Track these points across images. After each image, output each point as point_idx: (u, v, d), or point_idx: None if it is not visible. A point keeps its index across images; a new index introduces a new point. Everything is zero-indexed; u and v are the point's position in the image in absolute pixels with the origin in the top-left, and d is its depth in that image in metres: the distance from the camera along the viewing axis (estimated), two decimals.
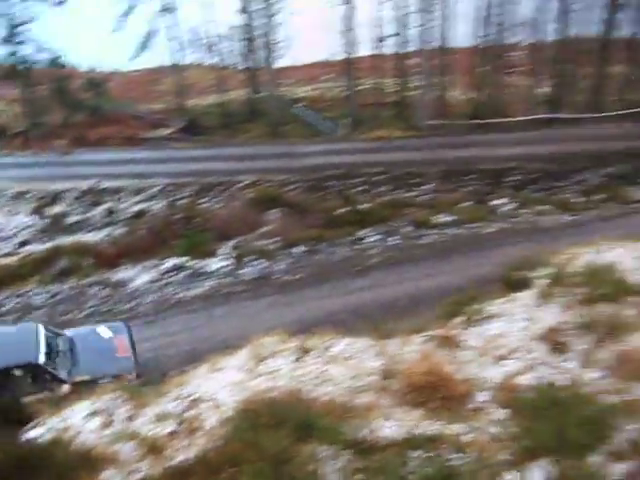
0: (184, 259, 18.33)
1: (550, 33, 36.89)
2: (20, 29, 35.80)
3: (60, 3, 36.29)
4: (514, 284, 7.86)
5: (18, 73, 36.74)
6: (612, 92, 38.59)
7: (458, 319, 7.41)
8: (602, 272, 7.05)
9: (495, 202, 23.01)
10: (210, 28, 39.38)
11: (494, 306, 7.38)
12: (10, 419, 8.83)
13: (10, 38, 35.90)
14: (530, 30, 37.66)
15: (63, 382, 11.89)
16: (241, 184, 25.43)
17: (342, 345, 7.35)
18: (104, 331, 13.45)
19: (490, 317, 7.16)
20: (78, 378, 11.96)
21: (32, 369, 11.73)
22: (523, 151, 28.46)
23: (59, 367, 12.10)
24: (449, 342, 6.72)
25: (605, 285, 6.78)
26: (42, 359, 11.81)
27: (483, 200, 23.49)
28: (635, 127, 31.44)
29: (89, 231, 22.67)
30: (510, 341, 6.56)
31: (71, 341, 12.97)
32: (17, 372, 11.67)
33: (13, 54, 36.30)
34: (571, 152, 28.33)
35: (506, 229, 20.20)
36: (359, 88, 40.55)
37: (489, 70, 37.52)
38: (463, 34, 39.67)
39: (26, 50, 36.22)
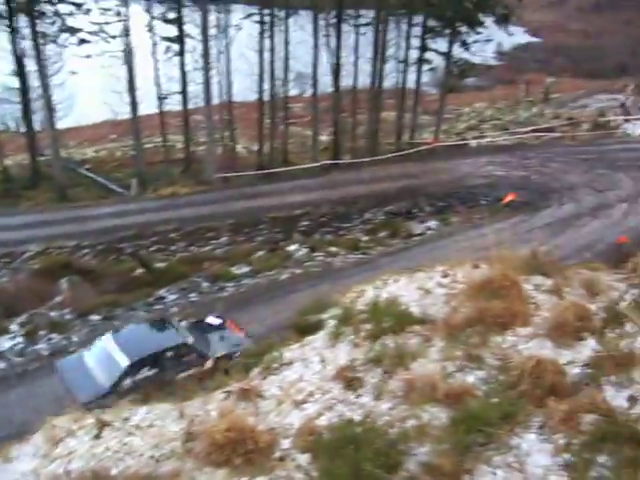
0: None
1: (327, 85, 39.21)
2: None
3: None
4: (306, 328, 8.09)
5: None
6: (387, 136, 41.82)
7: (257, 370, 7.46)
8: (386, 306, 7.50)
9: (288, 248, 23.68)
10: None
11: (290, 352, 7.53)
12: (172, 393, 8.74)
13: None
14: (309, 83, 39.79)
15: (207, 358, 13.87)
16: (28, 254, 23.76)
17: (142, 414, 7.07)
18: (213, 319, 15.68)
19: (287, 363, 7.28)
20: (218, 354, 14.06)
21: (183, 349, 13.81)
22: (311, 197, 29.75)
23: (202, 347, 14.22)
24: (249, 394, 6.72)
25: (389, 318, 7.21)
26: (191, 340, 14.11)
27: (277, 248, 24.09)
28: (408, 167, 34.26)
29: None
30: (307, 385, 6.70)
31: (197, 328, 15.17)
32: (169, 354, 13.65)
33: None
34: (355, 194, 30.13)
35: (300, 274, 20.82)
36: (147, 146, 40.14)
37: (273, 122, 38.97)
38: (246, 88, 40.96)
39: None
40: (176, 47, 36.17)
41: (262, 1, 37.36)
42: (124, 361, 13.14)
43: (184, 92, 37.26)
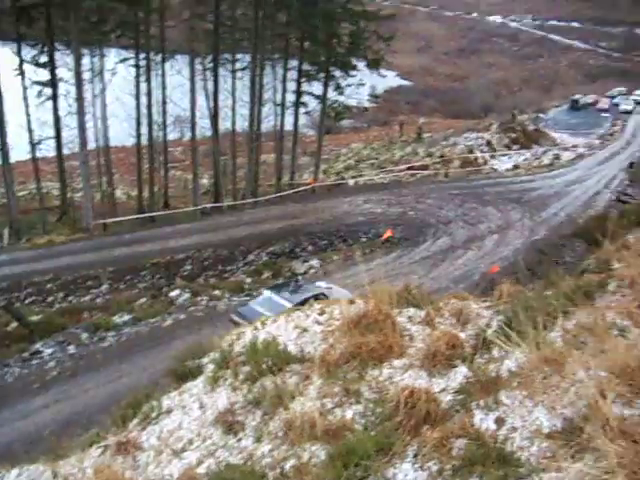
0: None
1: (206, 128, 39.29)
2: None
3: None
4: (185, 374, 7.95)
5: None
6: (267, 178, 42.30)
7: (135, 420, 7.26)
8: (264, 346, 7.53)
9: (171, 294, 23.25)
10: None
11: (169, 400, 7.38)
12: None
13: None
14: (188, 126, 39.73)
15: None
16: None
17: (12, 478, 6.70)
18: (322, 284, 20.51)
19: (166, 412, 7.13)
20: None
21: (321, 297, 16.52)
22: (193, 241, 29.46)
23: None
24: (127, 447, 6.53)
25: (268, 358, 7.25)
26: (326, 291, 18.71)
27: (159, 294, 23.62)
28: (289, 207, 34.75)
29: None
30: (187, 432, 6.59)
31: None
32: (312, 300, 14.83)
33: None
34: (237, 237, 30.14)
35: (184, 319, 20.45)
36: (20, 194, 38.57)
37: (152, 166, 38.48)
38: (123, 133, 40.34)
39: None
40: (49, 91, 35.19)
41: (137, 45, 37.08)
42: (288, 304, 16.46)
43: (58, 137, 36.19)
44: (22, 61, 34.60)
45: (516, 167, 50.57)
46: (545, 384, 4.87)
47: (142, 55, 36.67)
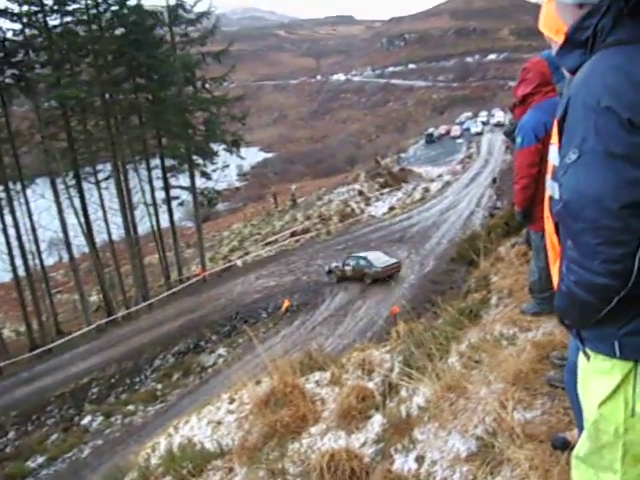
0: None
1: (83, 245, 38.61)
2: None
3: None
4: None
5: None
6: (156, 279, 41.73)
7: None
8: (181, 451, 7.50)
9: (83, 422, 22.34)
10: None
11: None
12: None
13: None
14: (63, 247, 38.87)
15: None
16: None
17: None
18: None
19: None
20: None
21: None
22: (95, 361, 28.45)
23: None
24: None
25: (187, 462, 7.22)
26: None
27: (71, 425, 22.63)
28: (184, 303, 34.44)
29: None
30: None
31: None
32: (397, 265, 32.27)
33: None
34: (139, 345, 29.40)
35: (102, 445, 19.68)
36: None
37: (35, 296, 37.11)
38: None
39: None
40: None
41: None
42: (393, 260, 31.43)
43: None
44: None
45: (392, 209, 52.47)
46: (453, 410, 5.11)
47: (0, 187, 35.77)
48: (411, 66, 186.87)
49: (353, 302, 28.78)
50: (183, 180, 41.74)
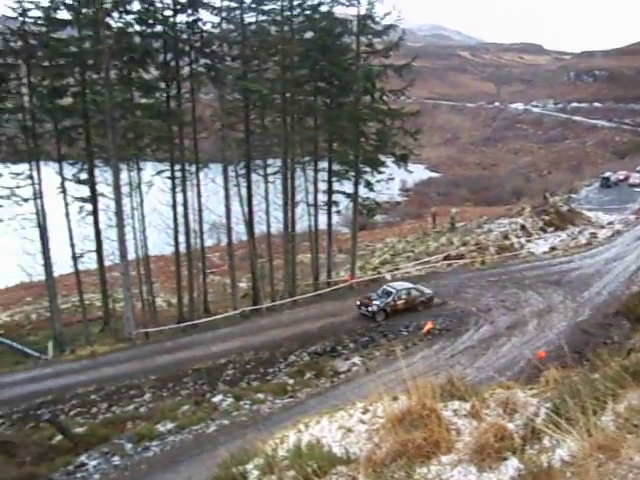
0: None
1: (242, 233, 40.11)
2: None
3: None
4: None
5: None
6: (304, 278, 42.54)
7: None
8: (308, 450, 7.43)
9: (214, 400, 23.11)
10: None
11: None
12: None
13: None
14: (224, 232, 40.65)
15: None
16: None
17: None
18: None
19: None
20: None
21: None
22: (234, 345, 29.51)
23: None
24: None
25: (312, 462, 7.13)
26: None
27: (202, 400, 23.46)
28: (328, 306, 34.76)
29: None
30: None
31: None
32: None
33: None
34: (278, 338, 30.14)
35: (228, 425, 20.25)
36: (63, 307, 39.40)
37: (191, 273, 39.13)
38: (161, 242, 41.34)
39: None
40: (89, 206, 36.53)
41: (172, 157, 38.56)
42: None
43: (99, 250, 37.25)
44: (64, 179, 36.20)
45: (553, 249, 50.11)
46: (601, 473, 4.69)
47: (177, 167, 38.05)
48: (596, 104, 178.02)
49: (497, 338, 27.78)
50: (347, 186, 42.23)
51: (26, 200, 34.53)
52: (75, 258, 37.06)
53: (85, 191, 36.88)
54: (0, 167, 35.57)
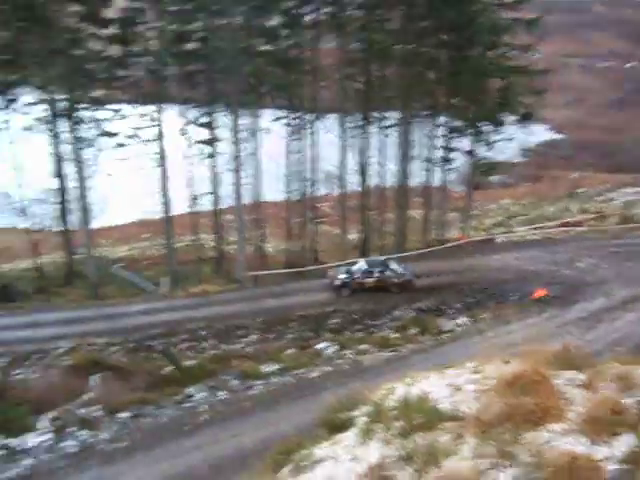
0: None
1: (355, 184, 40.10)
2: None
3: None
4: (337, 426, 8.00)
5: None
6: (414, 233, 42.20)
7: (287, 468, 7.37)
8: (416, 403, 7.44)
9: (318, 346, 23.55)
10: (22, 191, 38.45)
11: (320, 450, 7.44)
12: None
13: None
14: (337, 182, 40.80)
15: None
16: (60, 350, 23.95)
17: None
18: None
19: (318, 461, 7.19)
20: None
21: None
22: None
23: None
24: None
25: (420, 415, 7.14)
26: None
27: (306, 346, 23.98)
28: (437, 264, 34.37)
29: None
30: None
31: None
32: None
33: None
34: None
35: (330, 372, 20.56)
36: (178, 245, 40.95)
37: (302, 221, 39.70)
38: (275, 189, 42.03)
39: None
40: (208, 149, 37.54)
41: (291, 106, 38.90)
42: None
43: (215, 192, 38.35)
44: (186, 122, 37.31)
45: None
46: None
47: (295, 114, 38.32)
48: None
49: (612, 311, 26.57)
50: (464, 144, 41.20)
51: (149, 141, 35.93)
52: (192, 199, 38.40)
53: (205, 134, 37.89)
54: (127, 108, 37.09)
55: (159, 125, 35.83)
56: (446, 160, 40.93)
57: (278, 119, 40.44)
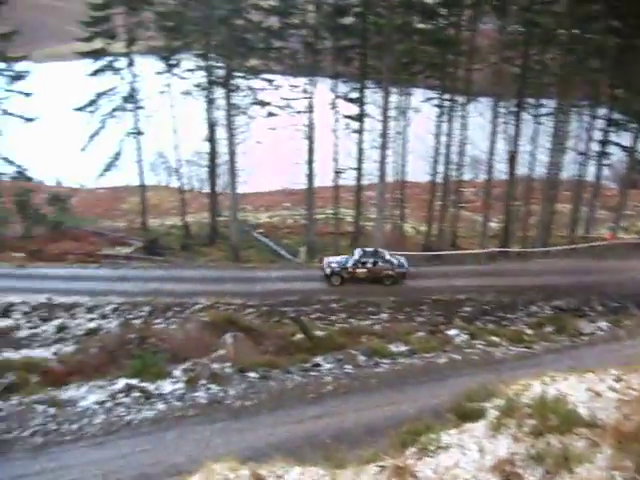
0: (136, 380, 17.78)
1: (501, 172, 39.02)
2: None
3: (18, 78, 36.67)
4: (466, 415, 7.94)
5: None
6: (559, 228, 40.51)
7: (412, 449, 7.41)
8: (552, 404, 7.24)
9: (448, 332, 23.33)
10: (176, 152, 40.69)
11: (448, 436, 7.43)
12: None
13: None
14: (483, 168, 39.88)
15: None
16: (198, 306, 25.31)
17: (294, 474, 7.24)
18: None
19: (444, 447, 7.18)
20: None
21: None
22: (476, 283, 29.31)
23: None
24: (404, 472, 6.71)
25: (555, 416, 6.95)
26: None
27: (437, 330, 23.82)
28: (582, 262, 32.85)
29: (39, 346, 22.07)
30: (463, 472, 6.58)
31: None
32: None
33: None
34: (521, 285, 29.33)
35: (459, 360, 20.33)
36: (318, 217, 41.72)
37: (444, 204, 39.19)
38: (419, 170, 41.74)
39: None
40: (356, 125, 37.83)
41: (443, 86, 38.28)
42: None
43: (359, 168, 38.69)
44: (336, 96, 37.77)
45: None
46: None
47: (446, 96, 37.70)
48: None
49: None
50: (624, 139, 38.88)
51: (299, 112, 36.71)
52: (336, 173, 38.91)
53: (354, 109, 38.17)
54: (280, 79, 38.04)
55: (310, 97, 36.48)
56: (602, 154, 38.81)
57: (429, 99, 39.98)
